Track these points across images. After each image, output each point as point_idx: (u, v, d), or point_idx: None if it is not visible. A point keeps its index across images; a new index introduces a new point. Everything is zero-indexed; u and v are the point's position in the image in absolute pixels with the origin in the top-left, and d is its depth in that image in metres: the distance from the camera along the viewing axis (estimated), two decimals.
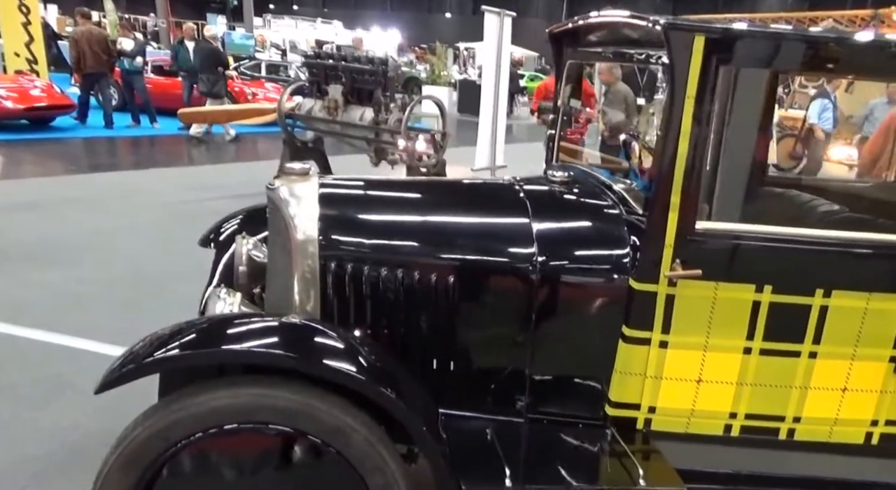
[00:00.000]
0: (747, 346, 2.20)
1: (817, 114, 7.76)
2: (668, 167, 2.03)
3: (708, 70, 1.95)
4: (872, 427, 2.32)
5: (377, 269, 2.21)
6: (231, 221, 3.11)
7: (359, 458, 1.86)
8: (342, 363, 1.88)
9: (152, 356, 1.79)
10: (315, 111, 7.69)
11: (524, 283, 2.20)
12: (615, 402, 2.27)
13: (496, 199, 2.50)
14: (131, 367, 1.78)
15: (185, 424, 1.81)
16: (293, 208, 2.25)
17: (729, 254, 2.12)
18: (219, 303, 2.20)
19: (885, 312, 2.18)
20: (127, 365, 1.80)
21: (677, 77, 1.96)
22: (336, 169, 8.57)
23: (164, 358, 1.80)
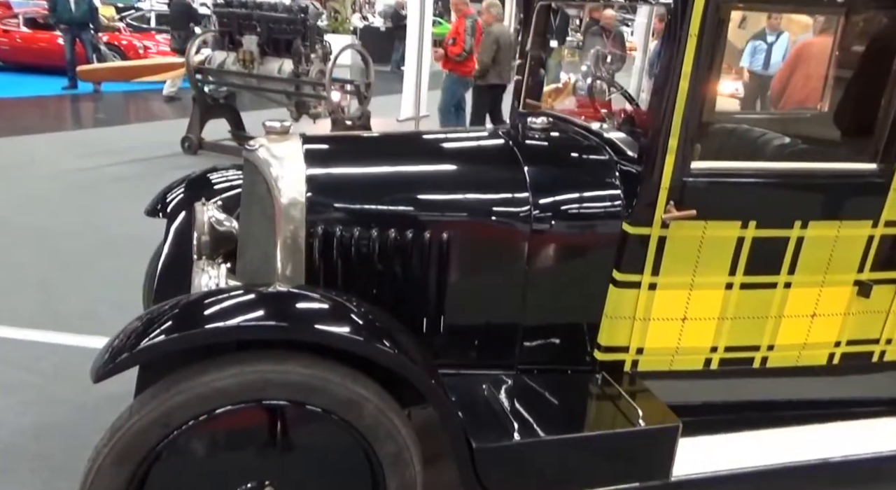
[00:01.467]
0: (729, 282, 2.27)
1: (749, 56, 7.94)
2: (668, 110, 2.02)
3: (711, 7, 1.93)
4: (835, 348, 2.48)
5: (368, 230, 2.12)
6: (176, 189, 2.90)
7: (371, 427, 1.81)
8: (337, 326, 1.80)
9: (143, 342, 1.66)
10: (228, 64, 7.28)
11: (520, 232, 2.17)
12: (605, 347, 2.31)
13: (484, 149, 2.44)
14: (125, 357, 1.64)
15: (188, 408, 1.69)
16: (276, 170, 2.10)
17: (719, 192, 2.17)
18: (203, 276, 2.05)
19: (853, 238, 2.30)
20: (120, 354, 1.65)
21: (679, 15, 1.93)
22: (250, 126, 8.20)
23: (156, 343, 1.67)
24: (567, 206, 2.23)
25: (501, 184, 2.23)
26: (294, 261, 2.11)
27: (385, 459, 1.85)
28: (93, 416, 2.93)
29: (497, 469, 1.95)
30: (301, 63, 6.80)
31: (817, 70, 5.72)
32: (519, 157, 2.29)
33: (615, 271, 2.23)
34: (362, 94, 6.93)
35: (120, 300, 3.98)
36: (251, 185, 2.24)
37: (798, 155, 2.78)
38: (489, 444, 1.93)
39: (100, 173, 6.94)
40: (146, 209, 2.90)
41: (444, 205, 2.19)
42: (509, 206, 2.19)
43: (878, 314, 2.46)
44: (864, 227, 2.30)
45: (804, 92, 5.82)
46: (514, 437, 1.98)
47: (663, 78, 2.04)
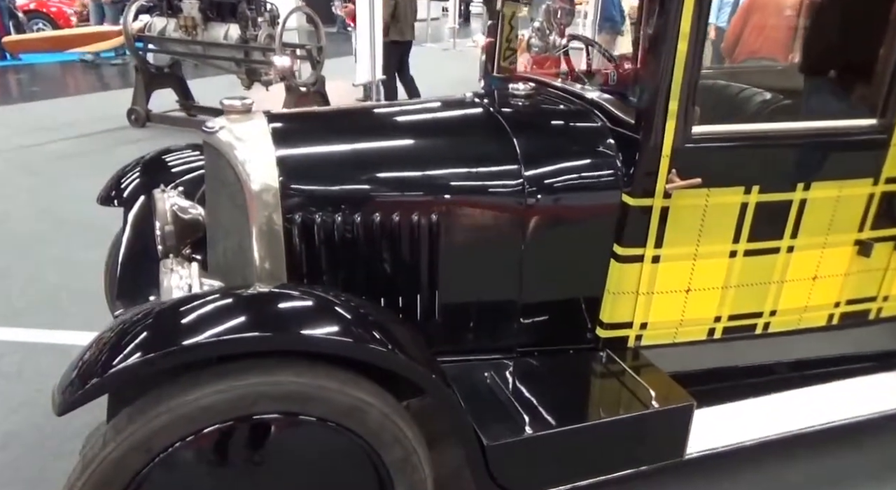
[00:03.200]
0: (733, 250, 2.18)
1: (716, 10, 7.77)
2: (666, 71, 1.88)
3: None
4: (835, 309, 2.43)
5: (350, 213, 1.94)
6: (130, 174, 2.65)
7: (375, 434, 1.66)
8: (327, 329, 1.61)
9: (115, 364, 1.44)
10: (169, 31, 6.85)
11: (513, 207, 2.02)
12: (608, 324, 2.20)
13: (467, 119, 2.25)
14: (95, 383, 1.42)
15: (171, 430, 1.50)
16: (242, 152, 1.90)
17: (722, 157, 2.05)
18: (173, 277, 1.84)
19: (855, 197, 2.23)
20: (88, 379, 1.44)
21: None
22: (199, 95, 7.80)
23: (129, 366, 1.44)
24: (561, 178, 2.08)
25: (490, 157, 2.07)
26: (272, 252, 1.93)
27: (392, 466, 1.71)
28: (63, 419, 2.73)
29: (510, 464, 1.84)
30: (248, 28, 6.42)
31: (770, 20, 5.67)
32: (506, 127, 2.12)
33: (616, 246, 2.10)
34: (314, 59, 6.60)
35: (82, 289, 3.77)
36: (215, 170, 2.03)
37: (784, 110, 2.69)
38: (501, 440, 1.81)
39: (42, 151, 6.51)
40: (99, 197, 2.65)
41: (430, 182, 2.02)
42: (500, 180, 2.04)
43: (876, 272, 2.41)
44: (866, 185, 2.23)
45: (758, 42, 5.76)
46: (525, 430, 1.85)
47: (659, 37, 1.88)
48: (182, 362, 1.49)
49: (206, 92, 8.15)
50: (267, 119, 2.03)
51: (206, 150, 2.02)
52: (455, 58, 13.85)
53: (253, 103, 2.03)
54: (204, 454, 1.59)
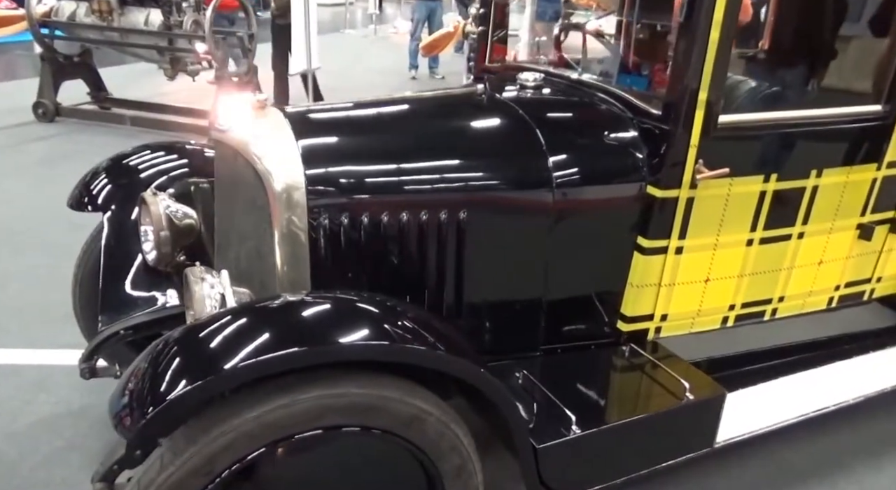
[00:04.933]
0: (750, 238, 2.20)
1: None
2: (698, 62, 1.85)
3: None
4: (835, 292, 2.51)
5: (378, 212, 1.81)
6: (100, 177, 2.39)
7: (433, 442, 1.58)
8: (386, 336, 1.50)
9: (171, 392, 1.30)
10: (80, 16, 6.31)
11: (541, 201, 1.96)
12: (630, 317, 2.18)
13: (487, 112, 2.16)
14: (155, 413, 1.28)
15: (234, 450, 1.38)
16: (262, 150, 1.73)
17: (745, 146, 2.05)
18: (203, 285, 1.66)
19: (860, 183, 2.30)
20: (144, 410, 1.29)
21: None
22: (115, 88, 7.26)
23: (185, 393, 1.30)
24: (587, 171, 2.03)
25: (517, 150, 1.99)
26: (296, 255, 1.77)
27: (448, 473, 1.63)
28: (29, 446, 2.51)
29: (558, 466, 1.79)
30: (172, 13, 6.00)
31: None
32: (527, 119, 2.04)
33: (641, 238, 2.08)
34: (246, 47, 6.26)
35: (37, 303, 3.45)
36: (229, 171, 1.86)
37: (774, 98, 2.74)
38: (550, 442, 1.75)
39: None
40: (70, 202, 2.39)
41: (458, 178, 1.92)
42: (527, 174, 1.97)
43: (872, 255, 2.51)
44: (870, 170, 2.30)
45: None
46: (572, 430, 1.80)
47: (693, 26, 1.85)
48: (242, 382, 1.34)
49: (119, 82, 7.61)
50: (283, 114, 1.86)
51: (219, 150, 1.85)
52: (377, 45, 13.59)
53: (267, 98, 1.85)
54: (265, 472, 1.48)
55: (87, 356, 2.15)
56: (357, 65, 10.16)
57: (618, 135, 2.06)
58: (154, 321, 2.22)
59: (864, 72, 2.41)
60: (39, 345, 3.16)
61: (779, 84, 2.90)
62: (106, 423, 2.56)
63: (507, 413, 1.62)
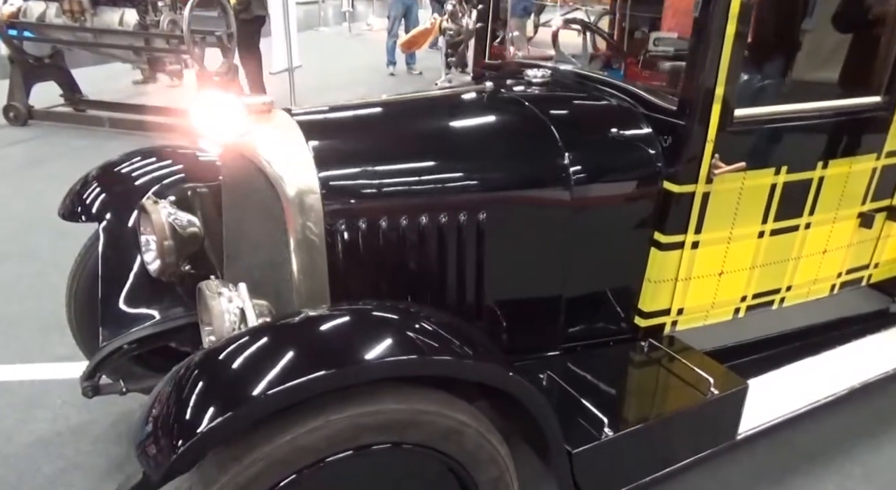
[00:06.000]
0: (761, 230, 2.20)
1: None
2: (714, 56, 1.84)
3: None
4: (837, 279, 2.53)
5: (396, 216, 1.77)
6: (92, 185, 2.31)
7: (472, 454, 1.53)
8: (424, 349, 1.45)
9: (201, 425, 1.23)
10: (50, 17, 6.14)
11: (559, 199, 1.93)
12: (647, 312, 2.17)
13: (500, 109, 2.12)
14: (186, 448, 1.22)
15: (267, 476, 1.32)
16: (273, 155, 1.67)
17: (758, 140, 2.05)
18: (221, 300, 1.60)
19: (861, 172, 2.32)
20: (174, 444, 1.23)
21: None
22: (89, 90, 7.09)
23: (216, 426, 1.23)
24: (604, 167, 2.00)
25: (535, 148, 1.96)
26: (313, 264, 1.71)
27: (485, 485, 1.59)
28: (28, 468, 2.42)
29: (592, 469, 1.76)
30: (148, 12, 5.86)
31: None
32: (541, 116, 2.01)
33: (658, 234, 2.06)
34: (225, 46, 6.14)
35: (24, 315, 3.35)
36: (238, 177, 1.80)
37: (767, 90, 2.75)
38: (584, 445, 1.73)
39: None
40: (62, 212, 2.30)
41: (478, 178, 1.88)
42: (547, 171, 1.94)
43: (871, 242, 2.54)
44: (871, 160, 2.32)
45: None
46: (604, 432, 1.78)
47: (709, 20, 1.83)
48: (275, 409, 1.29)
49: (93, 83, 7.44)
50: (290, 116, 1.81)
51: (226, 155, 1.78)
52: (352, 42, 13.47)
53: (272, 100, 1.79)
54: None
55: (90, 373, 2.08)
56: (334, 62, 10.05)
57: (632, 131, 2.04)
58: (157, 334, 2.16)
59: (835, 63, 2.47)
60: (30, 359, 3.06)
61: (768, 77, 2.92)
62: (109, 440, 2.54)
63: (543, 421, 1.59)
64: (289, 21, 6.14)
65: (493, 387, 1.55)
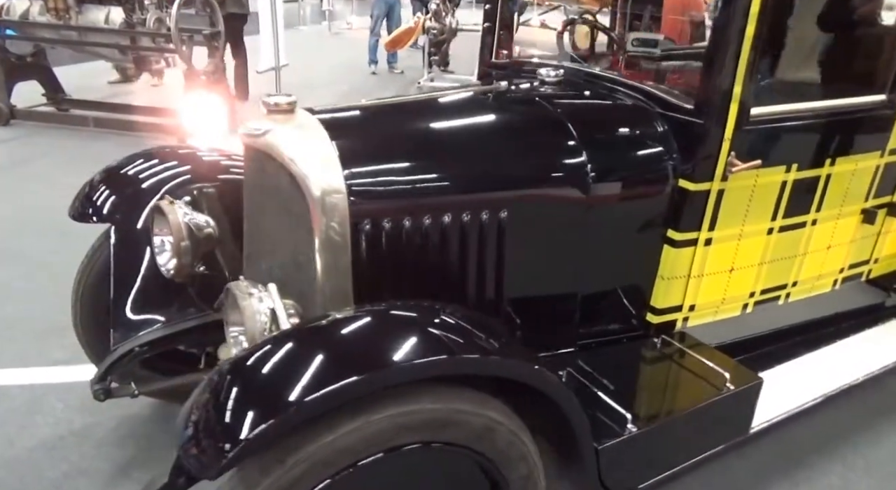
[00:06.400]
0: (771, 227, 2.24)
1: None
2: (733, 56, 1.86)
3: None
4: (839, 274, 2.58)
5: (420, 215, 1.77)
6: (102, 186, 2.28)
7: (503, 452, 1.54)
8: (461, 348, 1.45)
9: (246, 431, 1.22)
10: (34, 15, 6.03)
11: (578, 197, 1.94)
12: (659, 309, 2.19)
13: (519, 108, 2.13)
14: (233, 455, 1.21)
15: (308, 479, 1.31)
16: (298, 154, 1.66)
17: (772, 137, 2.08)
18: (252, 300, 1.58)
19: (866, 170, 2.37)
20: (221, 451, 1.21)
21: None
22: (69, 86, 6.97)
23: (260, 433, 1.23)
24: (621, 165, 2.02)
25: (554, 146, 1.97)
26: (338, 263, 1.71)
27: (515, 483, 1.59)
28: (32, 473, 2.38)
29: (616, 465, 1.78)
30: (134, 11, 5.78)
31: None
32: (558, 115, 2.03)
33: (672, 231, 2.09)
34: (212, 45, 6.08)
35: (17, 319, 3.29)
36: (261, 177, 1.79)
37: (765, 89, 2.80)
38: (608, 442, 1.74)
39: None
40: (72, 213, 2.27)
41: (499, 176, 1.89)
42: (566, 169, 1.95)
43: (872, 237, 2.59)
44: (875, 157, 2.37)
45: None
46: (627, 428, 1.79)
47: (726, 20, 1.86)
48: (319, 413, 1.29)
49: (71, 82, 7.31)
50: (315, 116, 1.80)
51: (249, 155, 1.77)
52: (333, 41, 13.40)
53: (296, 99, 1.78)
54: None
55: (102, 376, 2.05)
56: (316, 61, 9.99)
57: (647, 129, 2.06)
58: (168, 336, 2.14)
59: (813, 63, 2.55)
60: (28, 363, 3.01)
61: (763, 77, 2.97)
62: (113, 444, 2.50)
63: (573, 417, 1.60)
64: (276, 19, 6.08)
65: (511, 383, 1.55)
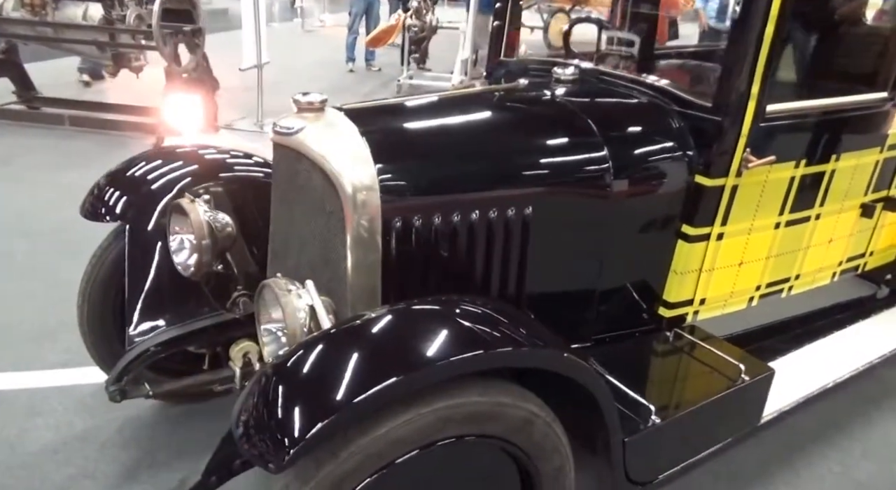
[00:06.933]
0: (778, 221, 2.30)
1: None
2: (753, 55, 1.91)
3: None
4: (838, 267, 2.66)
5: (449, 212, 1.78)
6: (112, 185, 2.24)
7: (539, 444, 1.56)
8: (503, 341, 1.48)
9: (305, 428, 1.24)
10: (7, 10, 5.87)
11: (600, 193, 1.98)
12: (671, 303, 2.24)
13: (539, 107, 2.15)
14: (299, 448, 1.23)
15: (362, 471, 1.33)
16: (330, 151, 1.67)
17: (784, 134, 2.13)
18: (291, 296, 1.58)
19: (866, 165, 2.44)
20: (289, 443, 1.23)
21: None
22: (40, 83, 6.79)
23: (321, 429, 1.25)
24: (641, 161, 2.06)
25: (577, 143, 2.00)
26: (369, 260, 1.71)
27: (548, 475, 1.62)
28: (37, 478, 2.33)
29: (640, 456, 1.81)
30: (114, 7, 5.66)
31: None
32: (579, 113, 2.06)
33: (686, 226, 2.13)
34: (194, 42, 5.98)
35: (6, 323, 3.20)
36: (291, 175, 1.78)
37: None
38: (636, 433, 1.78)
39: None
40: (84, 212, 2.23)
41: (525, 172, 1.91)
42: (589, 165, 1.98)
43: (868, 231, 2.67)
44: (875, 153, 2.44)
45: None
46: (651, 420, 1.83)
47: (745, 20, 1.91)
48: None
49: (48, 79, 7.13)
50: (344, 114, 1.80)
51: (279, 154, 1.77)
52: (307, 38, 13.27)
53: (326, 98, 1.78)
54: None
55: (118, 377, 2.03)
56: (294, 58, 9.88)
57: (665, 126, 2.10)
58: (185, 336, 2.13)
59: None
60: (24, 367, 2.94)
61: None
62: (117, 446, 2.47)
63: (605, 408, 1.63)
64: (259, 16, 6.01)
65: (538, 376, 1.58)
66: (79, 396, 2.72)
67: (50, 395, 2.74)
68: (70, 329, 3.08)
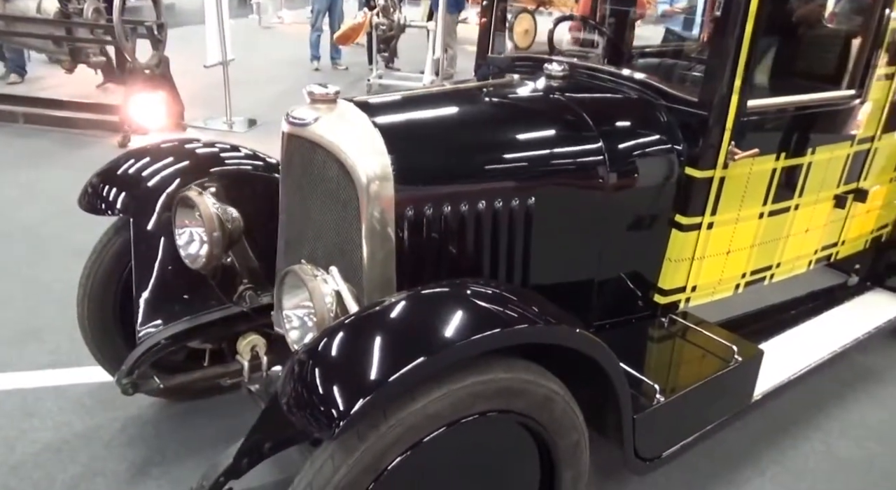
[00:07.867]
0: (761, 211, 2.41)
1: None
2: (734, 50, 2.00)
3: None
4: (813, 255, 2.81)
5: (458, 202, 1.83)
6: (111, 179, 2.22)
7: (558, 421, 1.64)
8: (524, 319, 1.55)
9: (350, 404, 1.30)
10: None
11: (597, 184, 2.06)
12: (666, 290, 2.33)
13: (537, 100, 2.22)
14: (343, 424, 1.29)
15: (401, 443, 1.40)
16: (345, 142, 1.70)
17: (765, 128, 2.25)
18: (318, 282, 1.61)
19: (839, 158, 2.58)
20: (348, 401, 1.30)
21: None
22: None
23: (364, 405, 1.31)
24: (634, 154, 2.14)
25: (575, 135, 2.07)
26: (384, 249, 1.76)
27: (565, 451, 1.70)
28: (42, 477, 2.30)
29: (649, 434, 1.90)
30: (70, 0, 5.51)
31: None
32: (574, 107, 2.13)
33: (679, 215, 2.23)
34: (156, 38, 5.87)
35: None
36: (306, 166, 1.81)
37: None
38: (644, 411, 1.87)
39: None
40: (83, 205, 2.20)
41: (530, 164, 1.98)
42: (588, 157, 2.05)
43: (841, 221, 2.83)
44: (846, 147, 2.59)
45: None
46: (656, 398, 1.92)
47: (727, 16, 2.01)
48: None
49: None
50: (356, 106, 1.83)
51: (293, 144, 1.79)
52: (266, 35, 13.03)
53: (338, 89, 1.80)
54: (420, 463, 1.48)
55: (129, 370, 2.01)
56: (254, 56, 9.72)
57: (655, 120, 2.19)
58: (194, 329, 2.13)
59: None
60: (12, 368, 2.87)
61: None
62: (123, 444, 2.45)
63: (618, 385, 1.71)
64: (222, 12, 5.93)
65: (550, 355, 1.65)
66: (74, 396, 2.68)
67: (42, 396, 2.69)
68: (56, 329, 3.05)
